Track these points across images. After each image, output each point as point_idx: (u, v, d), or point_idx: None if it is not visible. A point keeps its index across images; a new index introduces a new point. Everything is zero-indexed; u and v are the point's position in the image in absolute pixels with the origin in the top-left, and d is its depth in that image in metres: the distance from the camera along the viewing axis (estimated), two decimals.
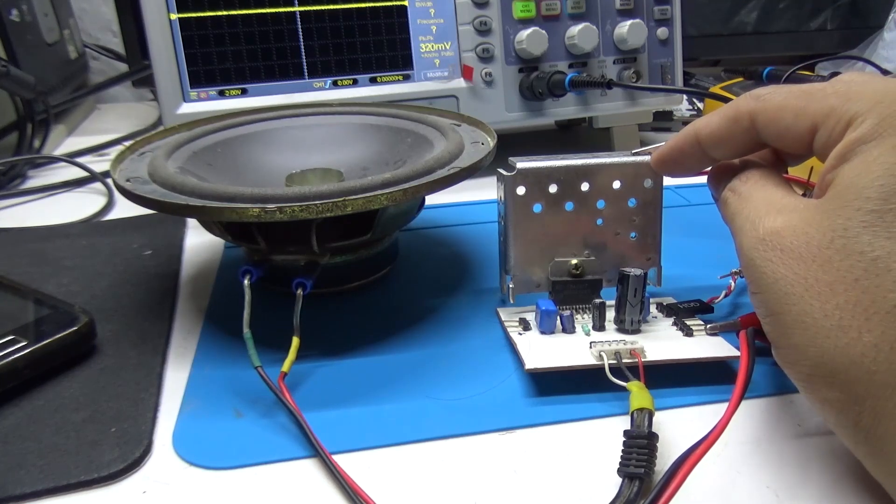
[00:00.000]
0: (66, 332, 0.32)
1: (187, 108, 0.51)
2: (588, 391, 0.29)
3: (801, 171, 0.32)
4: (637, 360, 0.29)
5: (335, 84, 0.54)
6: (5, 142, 0.67)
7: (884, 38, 0.79)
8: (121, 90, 0.96)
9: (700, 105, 0.76)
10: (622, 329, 0.32)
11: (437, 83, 0.55)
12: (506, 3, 0.55)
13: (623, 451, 0.24)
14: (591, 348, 0.30)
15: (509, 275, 0.34)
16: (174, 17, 0.50)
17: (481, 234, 0.45)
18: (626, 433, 0.25)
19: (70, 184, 0.60)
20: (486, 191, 0.44)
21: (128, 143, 0.39)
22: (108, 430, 0.28)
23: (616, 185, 0.33)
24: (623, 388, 0.27)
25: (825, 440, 0.26)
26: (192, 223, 0.48)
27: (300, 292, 0.31)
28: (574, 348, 0.30)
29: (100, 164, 0.63)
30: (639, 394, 0.26)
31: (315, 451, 0.26)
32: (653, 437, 0.24)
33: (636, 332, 0.32)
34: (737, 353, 0.29)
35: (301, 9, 0.52)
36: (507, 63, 0.56)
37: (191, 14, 0.50)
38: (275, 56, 0.52)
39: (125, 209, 0.52)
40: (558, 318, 0.32)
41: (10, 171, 0.61)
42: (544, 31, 0.55)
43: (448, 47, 0.55)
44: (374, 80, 0.54)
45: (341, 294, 0.38)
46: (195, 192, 0.31)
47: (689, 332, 0.31)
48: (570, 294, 0.33)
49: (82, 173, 0.61)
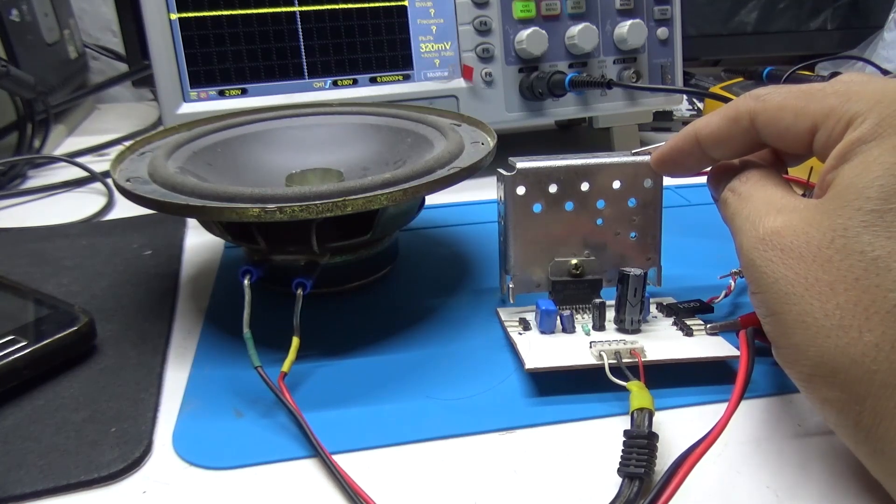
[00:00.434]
0: (66, 332, 0.32)
1: (187, 108, 0.51)
2: (588, 391, 0.29)
3: (801, 171, 0.32)
4: (637, 360, 0.29)
5: (335, 84, 0.54)
6: (5, 142, 0.67)
7: (884, 38, 0.79)
8: (121, 90, 0.96)
9: (700, 105, 0.76)
10: (622, 329, 0.32)
11: (437, 83, 0.55)
12: (506, 3, 0.55)
13: (623, 451, 0.24)
14: (591, 348, 0.30)
15: (509, 275, 0.34)
16: (174, 17, 0.50)
17: (481, 234, 0.45)
18: (626, 433, 0.25)
19: (70, 184, 0.60)
20: (486, 191, 0.44)
21: (128, 143, 0.39)
22: (108, 430, 0.28)
23: (616, 185, 0.33)
24: (623, 388, 0.27)
25: (825, 440, 0.26)
26: (192, 223, 0.48)
27: (300, 292, 0.31)
28: (574, 348, 0.30)
29: (100, 164, 0.63)
30: (639, 393, 0.26)
31: (315, 451, 0.26)
32: (653, 437, 0.24)
33: (636, 331, 0.32)
34: (737, 353, 0.29)
35: (301, 9, 0.52)
36: (507, 63, 0.56)
37: (191, 14, 0.50)
38: (275, 56, 0.52)
39: (125, 209, 0.52)
40: (558, 317, 0.32)
41: (10, 171, 0.61)
42: (544, 31, 0.55)
43: (448, 47, 0.55)
44: (374, 80, 0.54)
45: (341, 294, 0.38)
46: (195, 192, 0.31)
47: (689, 332, 0.31)
48: (570, 294, 0.33)
49: (82, 173, 0.61)
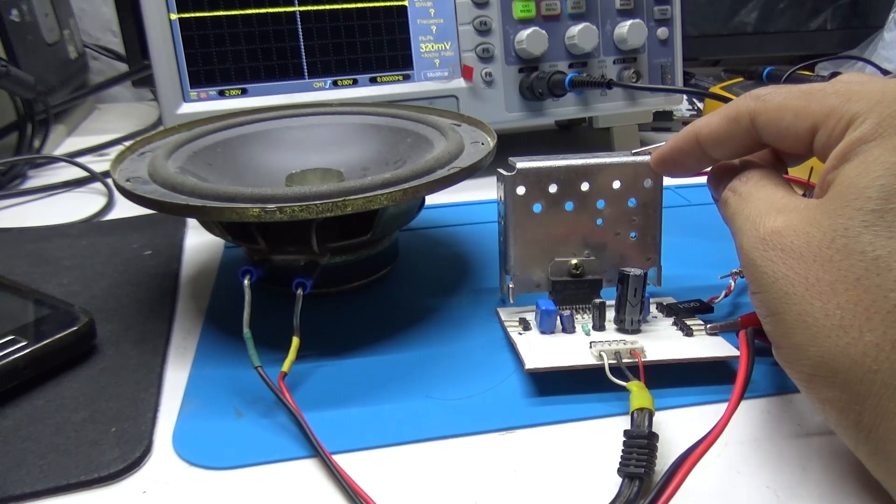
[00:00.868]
0: (66, 332, 0.32)
1: (187, 108, 0.51)
2: (588, 391, 0.29)
3: (801, 171, 0.32)
4: (637, 360, 0.29)
5: (335, 84, 0.54)
6: (5, 142, 0.67)
7: (884, 38, 0.79)
8: (121, 90, 0.96)
9: (700, 105, 0.76)
10: (622, 329, 0.32)
11: (437, 83, 0.55)
12: (506, 3, 0.55)
13: (623, 451, 0.24)
14: (591, 348, 0.30)
15: (509, 275, 0.34)
16: (174, 17, 0.50)
17: (481, 234, 0.45)
18: (626, 433, 0.25)
19: (70, 184, 0.60)
20: (486, 191, 0.44)
21: (128, 143, 0.39)
22: (108, 430, 0.28)
23: (616, 185, 0.33)
24: (623, 388, 0.27)
25: (825, 440, 0.26)
26: (192, 223, 0.48)
27: (300, 292, 0.31)
28: (574, 348, 0.30)
29: (100, 164, 0.63)
30: (639, 394, 0.26)
31: (315, 451, 0.26)
32: (653, 437, 0.24)
33: (636, 331, 0.32)
34: (737, 353, 0.29)
35: (301, 9, 0.52)
36: (507, 63, 0.56)
37: (191, 14, 0.50)
38: (275, 56, 0.52)
39: (125, 209, 0.52)
40: (558, 317, 0.32)
41: (10, 171, 0.61)
42: (544, 31, 0.55)
43: (448, 47, 0.55)
44: (374, 80, 0.54)
45: (341, 294, 0.38)
46: (195, 192, 0.31)
47: (689, 332, 0.31)
48: (570, 294, 0.33)
49: (82, 173, 0.61)
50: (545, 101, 0.57)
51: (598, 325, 0.32)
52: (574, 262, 0.33)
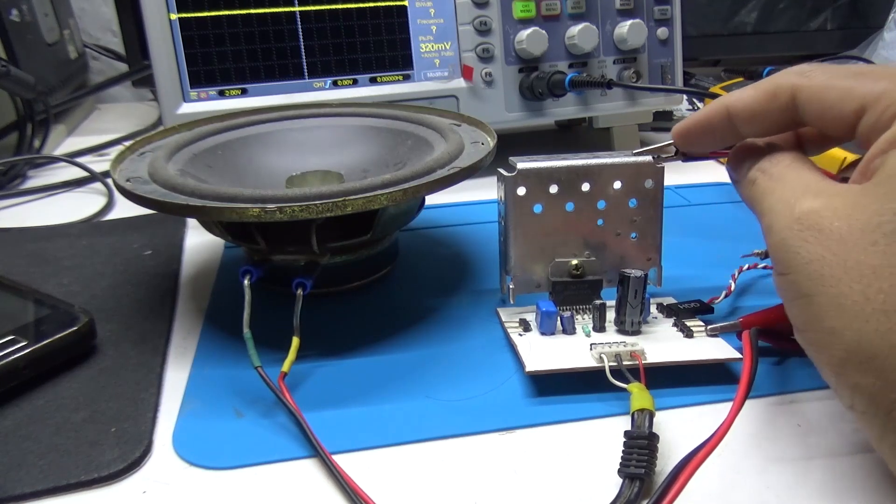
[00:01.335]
0: (66, 332, 0.32)
1: (187, 108, 0.51)
2: (588, 391, 0.29)
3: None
4: (637, 363, 0.29)
5: (335, 84, 0.54)
6: (5, 142, 0.67)
7: (884, 38, 0.79)
8: (121, 90, 0.96)
9: (700, 105, 0.76)
10: (622, 330, 0.32)
11: (437, 83, 0.55)
12: (506, 3, 0.55)
13: (623, 452, 0.24)
14: (591, 350, 0.30)
15: (509, 275, 0.34)
16: (174, 17, 0.50)
17: (481, 234, 0.45)
18: (626, 434, 0.25)
19: (70, 184, 0.60)
20: (486, 191, 0.44)
21: (128, 143, 0.39)
22: (108, 430, 0.28)
23: (616, 185, 0.33)
24: (624, 389, 0.27)
25: (825, 440, 0.26)
26: (192, 223, 0.48)
27: (300, 292, 0.31)
28: (574, 350, 0.30)
29: (100, 164, 0.63)
30: (639, 395, 0.26)
31: (315, 451, 0.26)
32: (653, 438, 0.24)
33: (636, 333, 0.32)
34: (736, 355, 0.29)
35: (301, 9, 0.52)
36: (507, 63, 0.56)
37: (191, 14, 0.50)
38: (275, 56, 0.52)
39: (125, 209, 0.52)
40: (558, 318, 0.32)
41: (10, 171, 0.61)
42: (544, 31, 0.55)
43: (448, 47, 0.55)
44: (374, 80, 0.54)
45: (341, 294, 0.38)
46: (195, 193, 0.31)
47: (689, 334, 0.31)
48: (571, 295, 0.33)
49: (82, 173, 0.61)
50: (545, 101, 0.57)
51: (599, 327, 0.32)
52: (574, 262, 0.33)
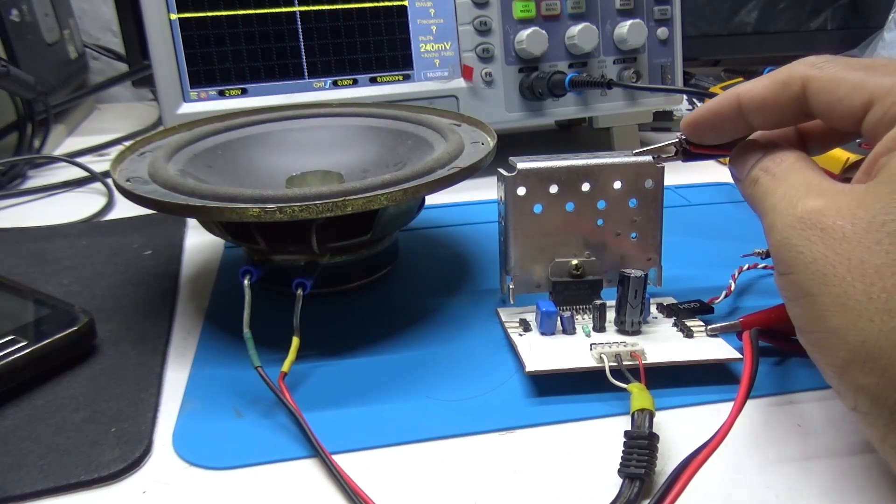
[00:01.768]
0: (66, 332, 0.32)
1: (187, 108, 0.51)
2: (588, 391, 0.29)
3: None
4: (637, 363, 0.29)
5: (335, 84, 0.54)
6: (5, 142, 0.67)
7: (884, 38, 0.79)
8: (121, 90, 0.96)
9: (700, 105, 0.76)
10: (622, 330, 0.32)
11: (437, 83, 0.55)
12: (506, 3, 0.55)
13: (623, 452, 0.24)
14: (591, 350, 0.30)
15: (509, 275, 0.34)
16: (174, 17, 0.50)
17: (481, 234, 0.45)
18: (626, 434, 0.25)
19: (70, 184, 0.60)
20: (486, 191, 0.44)
21: (128, 143, 0.39)
22: (108, 430, 0.28)
23: (617, 185, 0.33)
24: (624, 389, 0.27)
25: (825, 440, 0.26)
26: (192, 223, 0.48)
27: (300, 292, 0.31)
28: (574, 350, 0.30)
29: (100, 164, 0.63)
30: (639, 395, 0.26)
31: (315, 451, 0.26)
32: (653, 438, 0.24)
33: (636, 333, 0.32)
34: (737, 355, 0.29)
35: (301, 9, 0.52)
36: (507, 63, 0.56)
37: (191, 14, 0.50)
38: (275, 56, 0.52)
39: (125, 209, 0.52)
40: (559, 319, 0.32)
41: (10, 171, 0.61)
42: (544, 31, 0.55)
43: (448, 47, 0.55)
44: (374, 80, 0.54)
45: (341, 294, 0.38)
46: (195, 193, 0.31)
47: (689, 334, 0.31)
48: (571, 295, 0.33)
49: (82, 173, 0.61)
50: (545, 101, 0.57)
51: (599, 327, 0.32)
52: (574, 262, 0.33)
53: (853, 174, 0.24)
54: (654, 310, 0.34)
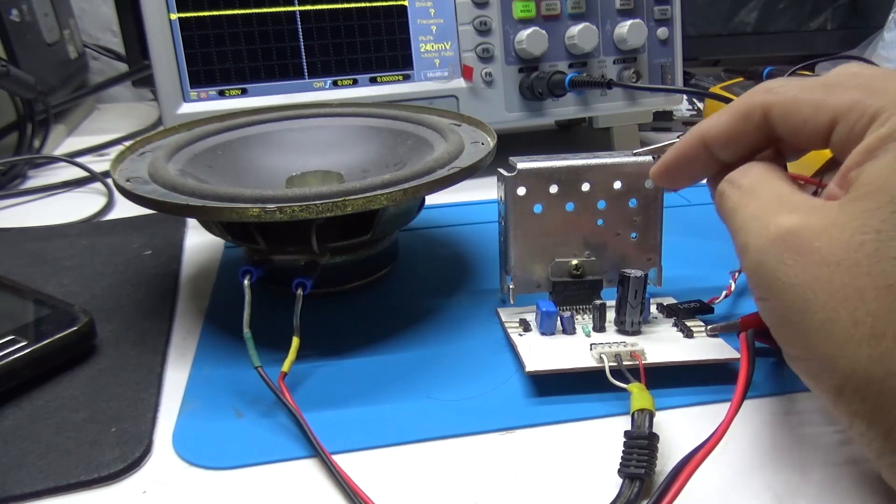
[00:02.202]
0: (66, 332, 0.32)
1: (187, 108, 0.51)
2: (588, 391, 0.29)
3: (800, 168, 0.32)
4: (637, 363, 0.29)
5: (335, 84, 0.54)
6: (5, 142, 0.67)
7: (884, 38, 0.79)
8: (121, 90, 0.96)
9: (700, 105, 0.76)
10: (622, 330, 0.32)
11: (437, 83, 0.55)
12: (506, 3, 0.55)
13: (623, 452, 0.24)
14: (591, 350, 0.30)
15: (509, 275, 0.34)
16: (174, 17, 0.50)
17: (481, 234, 0.45)
18: (626, 434, 0.25)
19: (70, 184, 0.60)
20: (486, 191, 0.44)
21: (128, 143, 0.39)
22: (108, 430, 0.28)
23: (617, 185, 0.33)
24: (624, 389, 0.27)
25: (825, 440, 0.26)
26: (192, 223, 0.48)
27: (300, 292, 0.31)
28: (574, 350, 0.30)
29: (100, 164, 0.63)
30: (639, 395, 0.26)
31: (315, 451, 0.26)
32: (653, 438, 0.24)
33: (636, 333, 0.32)
34: (736, 356, 0.29)
35: (301, 9, 0.52)
36: (507, 63, 0.56)
37: (191, 14, 0.50)
38: (275, 56, 0.52)
39: (125, 209, 0.52)
40: (559, 319, 0.32)
41: (10, 171, 0.61)
42: (544, 31, 0.55)
43: (448, 47, 0.55)
44: (374, 80, 0.54)
45: (341, 294, 0.38)
46: (195, 193, 0.31)
47: (689, 334, 0.31)
48: (571, 295, 0.33)
49: (82, 173, 0.61)
50: (545, 101, 0.57)
51: (599, 327, 0.32)
52: (574, 262, 0.33)
53: (829, 173, 0.24)
54: (654, 310, 0.34)
